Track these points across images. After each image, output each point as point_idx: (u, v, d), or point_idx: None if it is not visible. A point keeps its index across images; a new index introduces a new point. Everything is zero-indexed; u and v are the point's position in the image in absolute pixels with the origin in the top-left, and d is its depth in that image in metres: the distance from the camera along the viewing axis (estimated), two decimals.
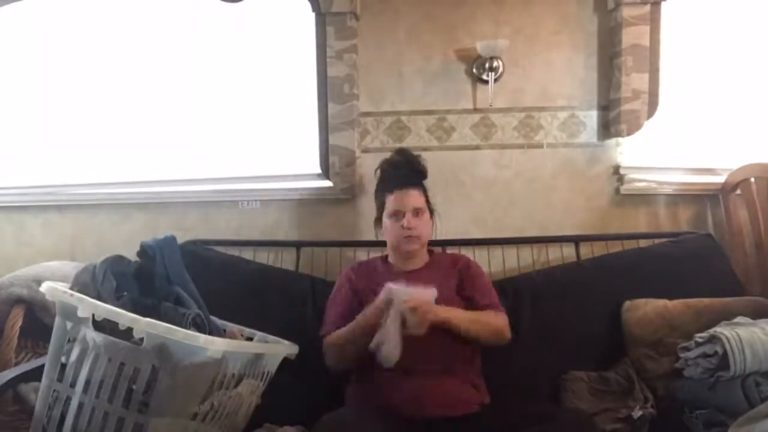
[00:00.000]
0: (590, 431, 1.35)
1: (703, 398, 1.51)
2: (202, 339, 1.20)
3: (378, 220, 1.78)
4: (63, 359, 1.29)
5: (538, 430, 1.28)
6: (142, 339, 1.21)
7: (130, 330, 1.21)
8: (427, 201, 1.74)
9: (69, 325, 1.28)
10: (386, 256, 1.81)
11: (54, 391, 1.29)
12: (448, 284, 1.67)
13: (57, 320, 1.31)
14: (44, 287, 1.28)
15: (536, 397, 1.72)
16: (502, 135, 2.24)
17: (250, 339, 1.68)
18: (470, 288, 1.68)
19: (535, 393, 1.74)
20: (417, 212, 1.67)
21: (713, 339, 1.50)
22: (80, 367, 1.25)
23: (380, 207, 1.75)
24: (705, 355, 1.50)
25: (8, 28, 2.40)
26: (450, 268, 1.74)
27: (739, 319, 1.62)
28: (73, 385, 1.25)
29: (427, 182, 1.80)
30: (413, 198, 1.68)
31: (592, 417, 1.55)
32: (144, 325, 1.19)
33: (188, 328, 1.35)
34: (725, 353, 1.45)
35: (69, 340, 1.29)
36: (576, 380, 1.73)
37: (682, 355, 1.56)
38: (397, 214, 1.66)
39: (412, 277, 1.61)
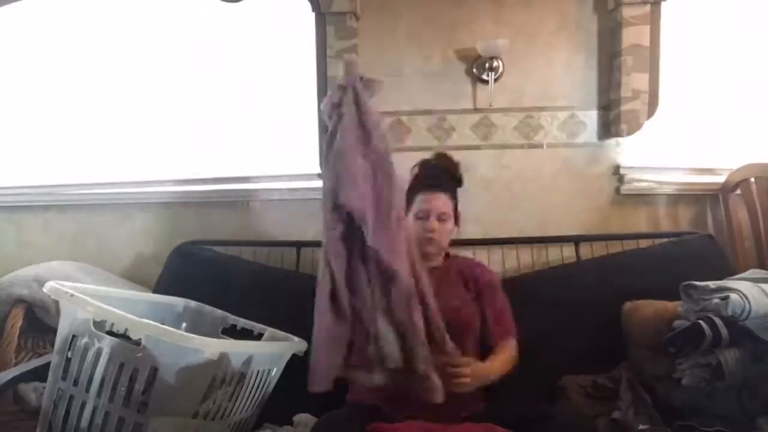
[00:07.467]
0: None
1: (701, 406, 1.50)
2: (197, 341, 1.21)
3: None
4: (69, 354, 1.31)
5: (539, 431, 1.28)
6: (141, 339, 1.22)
7: None
8: (455, 208, 1.72)
9: (73, 324, 1.30)
10: None
11: (58, 389, 1.30)
12: (458, 290, 1.67)
13: (61, 319, 1.32)
14: (47, 287, 1.29)
15: (536, 399, 1.72)
16: (502, 135, 2.23)
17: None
18: (486, 307, 1.67)
19: (535, 394, 1.74)
20: (442, 217, 1.65)
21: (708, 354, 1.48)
22: (83, 366, 1.27)
23: (407, 204, 1.70)
24: (699, 365, 1.48)
25: (9, 27, 2.40)
26: (463, 275, 1.72)
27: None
28: (76, 384, 1.27)
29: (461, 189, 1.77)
30: (441, 202, 1.66)
31: (593, 418, 1.54)
32: (142, 327, 1.20)
33: None
34: (719, 363, 1.43)
35: (73, 339, 1.30)
36: (570, 385, 1.72)
37: (679, 366, 1.54)
38: (423, 215, 1.65)
39: None
